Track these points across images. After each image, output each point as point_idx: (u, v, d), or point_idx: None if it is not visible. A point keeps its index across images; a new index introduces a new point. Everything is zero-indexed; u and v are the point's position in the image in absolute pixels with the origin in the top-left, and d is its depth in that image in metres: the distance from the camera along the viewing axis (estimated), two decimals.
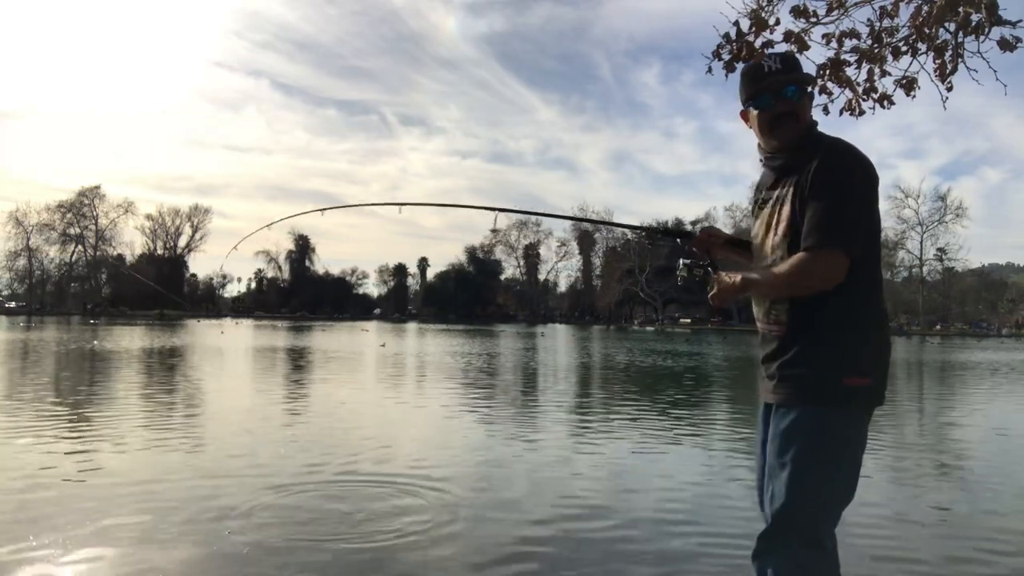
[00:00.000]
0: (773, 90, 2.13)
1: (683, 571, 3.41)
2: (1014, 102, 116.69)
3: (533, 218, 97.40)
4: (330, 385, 12.32)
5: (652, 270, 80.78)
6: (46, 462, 5.45)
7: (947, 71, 3.47)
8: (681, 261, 2.36)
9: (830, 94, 3.91)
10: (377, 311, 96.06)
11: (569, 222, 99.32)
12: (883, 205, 2.45)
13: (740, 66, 3.64)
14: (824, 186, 1.95)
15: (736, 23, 3.57)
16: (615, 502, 4.69)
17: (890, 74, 3.79)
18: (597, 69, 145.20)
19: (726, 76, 3.56)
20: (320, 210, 3.26)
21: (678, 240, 2.55)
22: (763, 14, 3.69)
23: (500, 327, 61.32)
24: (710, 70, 3.64)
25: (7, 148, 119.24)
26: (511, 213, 3.07)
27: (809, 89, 2.23)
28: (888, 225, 78.03)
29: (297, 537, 3.72)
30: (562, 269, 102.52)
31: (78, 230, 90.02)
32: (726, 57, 3.63)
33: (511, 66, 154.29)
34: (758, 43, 3.71)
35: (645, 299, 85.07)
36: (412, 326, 60.58)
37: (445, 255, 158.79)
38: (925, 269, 79.52)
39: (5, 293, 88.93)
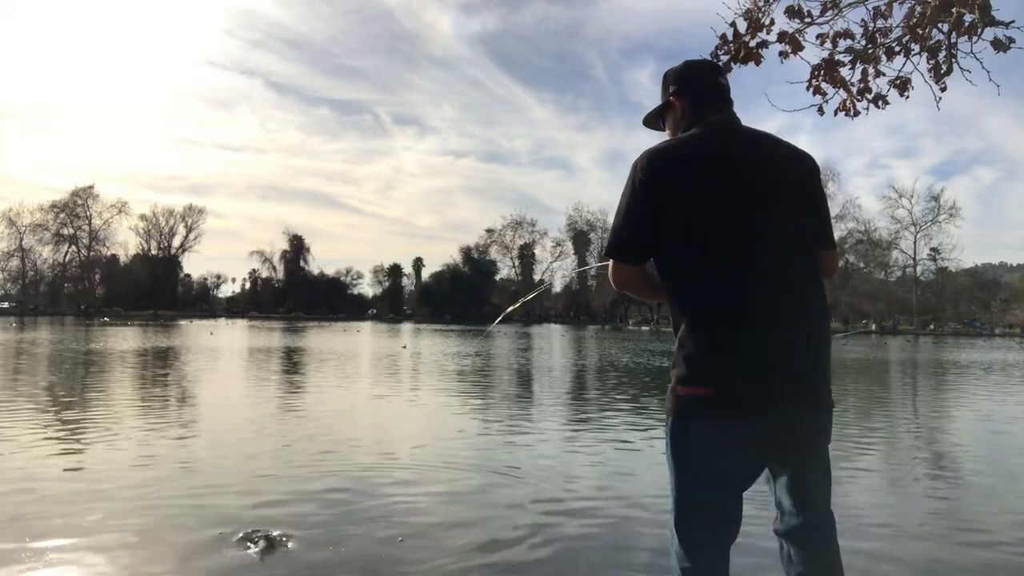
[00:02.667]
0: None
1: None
2: (1007, 102, 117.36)
3: (528, 218, 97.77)
4: (357, 385, 12.31)
5: None
6: (35, 465, 5.44)
7: (941, 71, 3.51)
8: None
9: (824, 95, 3.94)
10: (372, 311, 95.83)
11: (564, 223, 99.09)
12: (877, 205, 2.45)
13: (737, 67, 3.68)
14: None
15: (733, 24, 3.60)
16: (615, 498, 4.71)
17: (884, 74, 3.82)
18: (591, 68, 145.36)
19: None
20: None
21: None
22: (758, 15, 3.72)
23: (496, 327, 61.15)
24: None
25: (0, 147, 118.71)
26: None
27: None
28: (882, 225, 78.48)
29: (287, 534, 3.73)
30: (557, 269, 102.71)
31: (71, 230, 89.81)
32: (724, 58, 3.66)
33: (505, 65, 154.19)
34: (753, 44, 3.74)
35: (640, 299, 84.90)
36: (407, 326, 60.50)
37: (440, 255, 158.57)
38: (919, 269, 79.88)
39: None
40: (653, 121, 2.26)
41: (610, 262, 2.01)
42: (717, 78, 2.14)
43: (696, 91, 2.11)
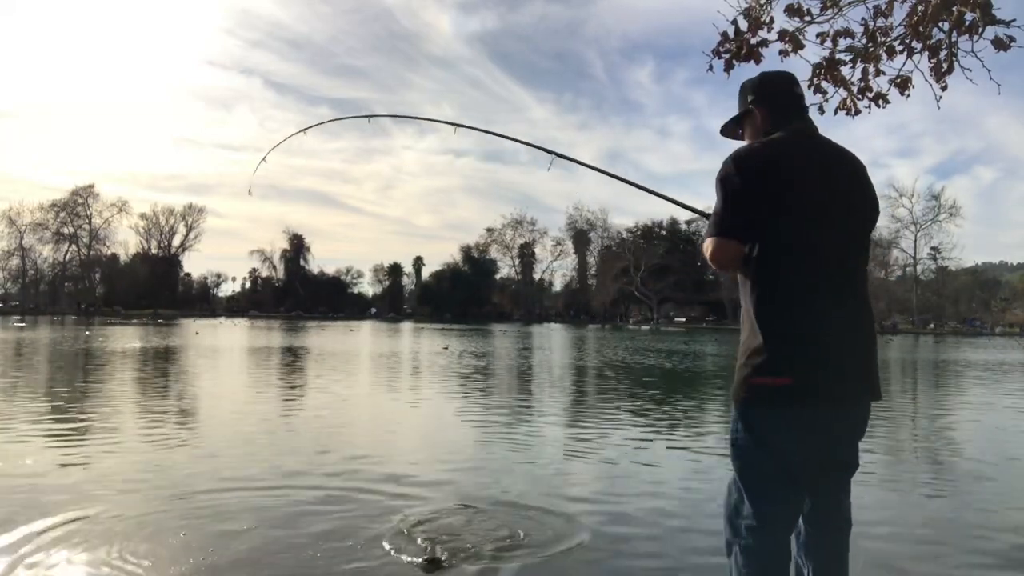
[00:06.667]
0: None
1: (681, 569, 3.44)
2: (1008, 101, 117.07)
3: (528, 217, 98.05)
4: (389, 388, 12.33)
5: (647, 269, 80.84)
6: (26, 463, 5.45)
7: (942, 70, 3.50)
8: None
9: (824, 93, 3.93)
10: (373, 310, 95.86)
11: (564, 222, 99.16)
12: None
13: (737, 65, 3.68)
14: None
15: (734, 22, 3.60)
16: (615, 499, 4.71)
17: (884, 73, 3.82)
18: (590, 67, 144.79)
19: (727, 75, 3.58)
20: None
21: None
22: (758, 12, 3.71)
23: (497, 326, 61.33)
24: (711, 68, 3.66)
25: (1, 147, 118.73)
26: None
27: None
28: (882, 224, 78.24)
29: (276, 532, 3.74)
30: (557, 268, 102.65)
31: (72, 229, 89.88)
32: (725, 56, 3.65)
33: (504, 64, 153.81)
34: (754, 42, 3.73)
35: (640, 298, 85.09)
36: (407, 325, 60.51)
37: (440, 254, 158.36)
38: (919, 268, 79.88)
39: None
40: (732, 130, 2.37)
41: (709, 244, 2.10)
42: (793, 87, 2.25)
43: (774, 99, 2.22)
